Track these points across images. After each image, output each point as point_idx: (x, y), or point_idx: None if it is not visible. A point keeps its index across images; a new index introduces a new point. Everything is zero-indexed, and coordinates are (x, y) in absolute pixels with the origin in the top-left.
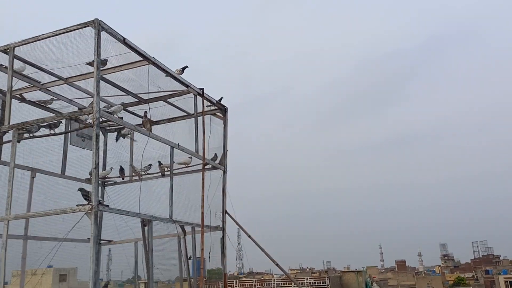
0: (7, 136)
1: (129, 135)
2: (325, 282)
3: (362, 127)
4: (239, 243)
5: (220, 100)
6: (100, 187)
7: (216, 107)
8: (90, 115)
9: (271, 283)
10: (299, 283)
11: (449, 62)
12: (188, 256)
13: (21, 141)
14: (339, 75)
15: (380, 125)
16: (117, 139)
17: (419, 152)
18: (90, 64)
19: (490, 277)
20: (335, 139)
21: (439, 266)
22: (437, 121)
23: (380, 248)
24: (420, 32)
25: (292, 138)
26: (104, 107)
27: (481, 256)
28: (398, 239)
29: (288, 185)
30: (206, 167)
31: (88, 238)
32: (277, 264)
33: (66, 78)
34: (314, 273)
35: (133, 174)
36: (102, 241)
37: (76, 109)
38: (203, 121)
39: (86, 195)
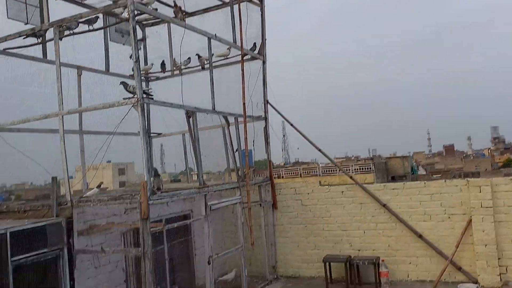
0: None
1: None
2: (370, 168)
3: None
4: (284, 135)
5: None
6: (144, 83)
7: None
8: (125, 9)
9: (317, 171)
10: (345, 169)
11: None
12: (235, 148)
13: (63, 39)
14: None
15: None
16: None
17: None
18: None
19: None
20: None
21: (489, 149)
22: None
23: (428, 134)
24: None
25: (334, 32)
26: None
27: None
28: (447, 125)
29: (334, 78)
30: (245, 58)
31: (138, 131)
32: (320, 150)
33: None
34: (359, 160)
35: (174, 68)
36: (152, 134)
37: (110, 3)
38: (239, 9)
39: (126, 88)
